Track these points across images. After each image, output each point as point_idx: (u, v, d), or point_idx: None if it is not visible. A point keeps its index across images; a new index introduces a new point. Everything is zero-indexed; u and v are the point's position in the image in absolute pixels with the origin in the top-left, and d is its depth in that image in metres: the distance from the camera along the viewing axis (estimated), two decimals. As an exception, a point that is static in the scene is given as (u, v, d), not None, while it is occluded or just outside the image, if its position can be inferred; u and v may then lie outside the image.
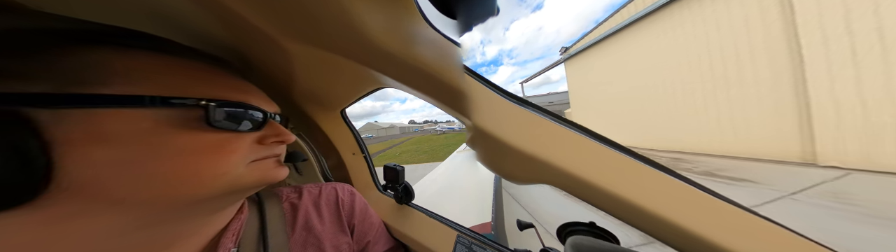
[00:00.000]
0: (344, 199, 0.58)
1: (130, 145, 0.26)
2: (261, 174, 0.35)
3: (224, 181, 0.31)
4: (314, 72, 0.53)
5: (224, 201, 0.37)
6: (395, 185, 0.81)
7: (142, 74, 0.28)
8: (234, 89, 0.36)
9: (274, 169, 0.37)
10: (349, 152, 0.89)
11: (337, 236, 0.52)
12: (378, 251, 0.62)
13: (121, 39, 0.29)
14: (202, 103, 0.29)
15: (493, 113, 0.39)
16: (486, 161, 0.44)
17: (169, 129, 0.28)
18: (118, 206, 0.27)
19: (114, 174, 0.25)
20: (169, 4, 0.36)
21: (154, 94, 0.27)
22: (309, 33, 0.37)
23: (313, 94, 0.70)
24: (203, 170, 0.29)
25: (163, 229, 0.32)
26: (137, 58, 0.29)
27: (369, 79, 0.55)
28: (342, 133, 0.88)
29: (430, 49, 0.36)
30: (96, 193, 0.25)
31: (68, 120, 0.24)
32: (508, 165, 0.41)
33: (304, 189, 0.57)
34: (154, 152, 0.27)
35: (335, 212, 0.56)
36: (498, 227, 1.95)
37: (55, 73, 0.24)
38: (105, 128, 0.25)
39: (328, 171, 0.96)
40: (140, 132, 0.26)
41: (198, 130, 0.29)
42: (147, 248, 0.32)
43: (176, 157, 0.28)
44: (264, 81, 0.52)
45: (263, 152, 0.37)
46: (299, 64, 0.48)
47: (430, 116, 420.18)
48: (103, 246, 0.28)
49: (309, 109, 0.77)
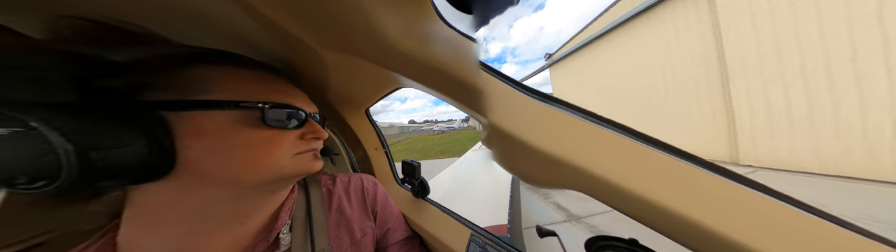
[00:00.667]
0: (368, 188, 0.66)
1: (216, 139, 0.34)
2: (300, 165, 0.42)
3: (274, 170, 0.39)
4: (344, 75, 0.60)
5: (276, 185, 0.45)
6: (412, 180, 0.86)
7: (224, 84, 0.37)
8: (283, 93, 0.43)
9: (311, 161, 0.44)
10: (372, 147, 0.99)
11: (363, 220, 0.60)
12: (397, 238, 0.66)
13: (211, 57, 0.38)
14: (259, 106, 0.37)
15: (510, 110, 0.37)
16: (502, 161, 0.42)
17: (238, 126, 0.35)
18: (214, 183, 0.36)
19: (207, 160, 0.34)
20: (241, 26, 0.45)
21: (230, 99, 0.35)
22: (339, 41, 0.42)
23: (343, 95, 0.79)
24: (259, 159, 0.37)
25: (243, 203, 0.42)
26: (221, 70, 0.38)
27: (389, 79, 0.58)
28: (366, 130, 0.97)
29: (445, 47, 0.36)
30: (201, 173, 0.34)
31: (183, 120, 0.33)
32: (527, 167, 0.38)
33: (337, 177, 0.65)
34: (229, 145, 0.35)
35: (361, 199, 0.63)
36: (514, 230, 1.87)
37: (176, 85, 0.34)
38: (202, 125, 0.33)
39: (356, 164, 1.05)
40: (221, 129, 0.35)
41: (256, 128, 0.37)
42: (236, 216, 0.42)
43: (243, 149, 0.36)
44: (306, 85, 0.61)
45: (303, 147, 0.43)
46: (332, 68, 0.55)
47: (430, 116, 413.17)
48: (210, 209, 0.38)
49: (340, 109, 0.87)
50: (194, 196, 0.36)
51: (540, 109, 0.36)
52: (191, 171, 0.33)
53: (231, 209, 0.41)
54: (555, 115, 0.35)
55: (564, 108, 0.36)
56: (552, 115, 0.35)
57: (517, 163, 0.39)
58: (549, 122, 0.35)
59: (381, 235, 0.64)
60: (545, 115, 0.36)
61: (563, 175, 0.32)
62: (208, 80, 0.35)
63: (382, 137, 1.02)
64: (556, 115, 0.35)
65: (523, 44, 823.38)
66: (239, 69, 0.40)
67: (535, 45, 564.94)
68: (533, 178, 0.38)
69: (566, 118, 0.34)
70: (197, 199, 0.36)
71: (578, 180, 0.31)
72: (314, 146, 0.46)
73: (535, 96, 0.38)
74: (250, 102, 0.36)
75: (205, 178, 0.35)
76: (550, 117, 0.35)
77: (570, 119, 0.34)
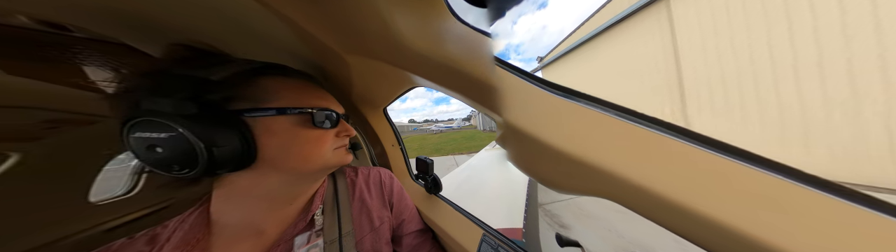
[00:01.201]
0: (385, 181, 0.71)
1: (282, 138, 0.43)
2: (339, 158, 0.51)
3: (321, 161, 0.48)
4: (365, 77, 0.67)
5: (320, 174, 0.55)
6: (425, 176, 0.89)
7: (280, 92, 0.45)
8: (321, 98, 0.51)
9: (345, 155, 0.53)
10: (389, 144, 1.07)
11: (381, 210, 0.65)
12: (411, 229, 0.70)
13: (269, 70, 0.46)
14: (309, 110, 0.45)
15: (527, 107, 0.34)
16: (518, 162, 0.38)
17: (295, 127, 0.44)
18: (280, 172, 0.46)
19: (277, 154, 0.43)
20: (285, 40, 0.54)
21: (288, 106, 0.44)
22: (360, 46, 0.47)
23: (364, 96, 0.87)
24: (311, 153, 0.46)
25: (295, 188, 0.52)
26: (275, 81, 0.46)
27: (405, 79, 0.61)
28: (384, 127, 1.05)
29: (458, 44, 0.36)
30: (272, 164, 0.43)
31: (258, 123, 0.41)
32: (546, 169, 0.34)
33: (358, 170, 0.72)
34: (291, 142, 0.44)
35: (379, 190, 0.69)
36: (529, 235, 1.79)
37: (250, 95, 0.42)
38: (272, 127, 0.42)
39: (375, 158, 1.14)
40: (285, 129, 0.43)
41: (308, 128, 0.45)
42: (288, 198, 0.53)
43: (301, 145, 0.45)
44: (334, 87, 0.70)
45: (338, 143, 0.51)
46: (355, 72, 0.63)
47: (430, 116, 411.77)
48: (273, 192, 0.49)
49: (361, 108, 0.96)
50: (265, 181, 0.46)
51: (562, 106, 0.32)
52: (266, 162, 0.43)
53: (286, 193, 0.51)
54: (579, 112, 0.31)
55: (592, 105, 0.31)
56: (576, 112, 0.31)
57: (535, 164, 0.36)
58: (573, 119, 0.31)
59: (396, 225, 0.69)
60: (568, 112, 0.32)
61: (588, 180, 0.28)
62: (269, 90, 0.44)
63: (398, 135, 1.10)
64: (580, 112, 0.31)
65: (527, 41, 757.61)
66: (287, 79, 0.48)
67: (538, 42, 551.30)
68: (553, 182, 0.34)
69: (594, 115, 0.30)
70: (267, 184, 0.46)
71: (608, 187, 0.27)
72: (346, 142, 0.54)
73: (557, 92, 0.34)
74: (303, 108, 0.45)
75: (274, 168, 0.44)
76: (574, 114, 0.31)
77: (598, 116, 0.30)
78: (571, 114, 0.32)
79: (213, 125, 0.38)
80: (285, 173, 0.46)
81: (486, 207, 2.18)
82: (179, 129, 0.35)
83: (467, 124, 58.95)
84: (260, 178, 0.45)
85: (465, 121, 74.72)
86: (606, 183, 0.27)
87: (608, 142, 0.28)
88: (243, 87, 0.42)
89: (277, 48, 0.60)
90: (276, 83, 0.45)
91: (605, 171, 0.26)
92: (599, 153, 0.27)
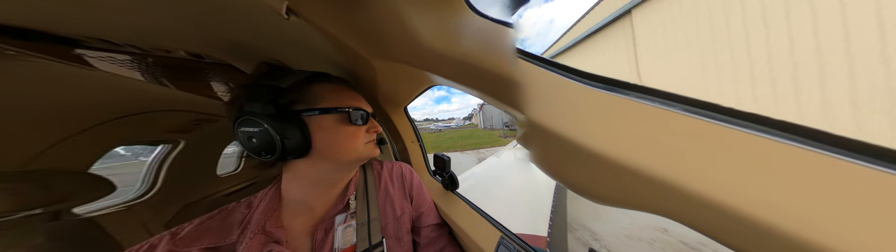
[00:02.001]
0: (406, 174, 0.78)
1: (328, 133, 0.53)
2: (369, 151, 0.59)
3: (356, 153, 0.57)
4: (389, 79, 0.73)
5: (355, 164, 0.64)
6: (442, 173, 0.92)
7: (326, 95, 0.55)
8: (355, 99, 0.60)
9: (374, 149, 0.61)
10: (410, 140, 1.15)
11: (402, 201, 0.71)
12: (429, 222, 0.74)
13: (317, 78, 0.57)
14: (345, 110, 0.54)
15: (556, 102, 0.30)
16: (545, 165, 0.34)
17: (337, 124, 0.54)
18: (326, 161, 0.55)
19: (324, 146, 0.52)
20: (326, 51, 0.64)
21: (331, 106, 0.54)
22: (384, 50, 0.52)
23: (388, 96, 0.95)
24: (349, 146, 0.55)
25: (337, 174, 0.62)
26: (322, 86, 0.56)
27: (424, 79, 0.63)
28: (405, 125, 1.13)
29: (476, 39, 0.35)
30: (321, 154, 0.53)
31: (312, 121, 0.52)
32: (580, 176, 0.29)
33: (383, 164, 0.80)
34: (335, 136, 0.53)
35: (401, 183, 0.75)
36: (555, 245, 1.64)
37: (306, 99, 0.53)
38: (321, 124, 0.52)
39: (397, 153, 1.22)
40: (330, 126, 0.53)
41: (346, 125, 0.55)
42: (331, 183, 0.62)
43: (342, 139, 0.54)
44: (363, 89, 0.79)
45: (368, 138, 0.59)
46: (380, 74, 0.69)
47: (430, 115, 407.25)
48: (322, 177, 0.59)
49: (385, 107, 1.04)
50: (317, 168, 0.57)
51: (603, 100, 0.27)
52: (317, 152, 0.53)
53: (330, 178, 0.61)
54: (628, 108, 0.25)
55: (647, 98, 0.24)
56: (623, 108, 0.25)
57: (565, 169, 0.31)
58: (620, 116, 0.25)
59: (416, 217, 0.74)
60: (612, 107, 0.26)
61: (634, 191, 0.23)
62: (318, 94, 0.54)
63: (418, 132, 1.18)
64: (630, 108, 0.25)
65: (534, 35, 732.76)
66: (329, 84, 0.58)
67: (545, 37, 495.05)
68: (589, 190, 0.28)
69: (649, 111, 0.24)
70: (318, 170, 0.57)
71: (670, 202, 0.20)
72: (374, 138, 0.62)
73: (596, 84, 0.28)
74: (343, 108, 0.55)
75: (323, 157, 0.54)
76: (621, 110, 0.25)
77: (657, 113, 0.23)
78: (619, 110, 0.25)
79: (284, 122, 0.48)
80: (330, 162, 0.56)
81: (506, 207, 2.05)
82: (265, 125, 0.47)
83: (467, 123, 59.23)
84: (313, 165, 0.55)
85: (466, 120, 75.00)
86: (667, 198, 0.20)
87: (672, 145, 0.21)
88: (301, 93, 0.53)
89: (320, 58, 0.72)
90: (323, 88, 0.56)
91: (665, 183, 0.20)
92: (659, 159, 0.21)
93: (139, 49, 0.60)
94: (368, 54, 0.57)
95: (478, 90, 0.42)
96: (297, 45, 0.64)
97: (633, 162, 0.22)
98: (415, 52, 0.43)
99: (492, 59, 0.34)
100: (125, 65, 0.67)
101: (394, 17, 0.37)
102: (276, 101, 0.49)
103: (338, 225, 0.57)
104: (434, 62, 0.43)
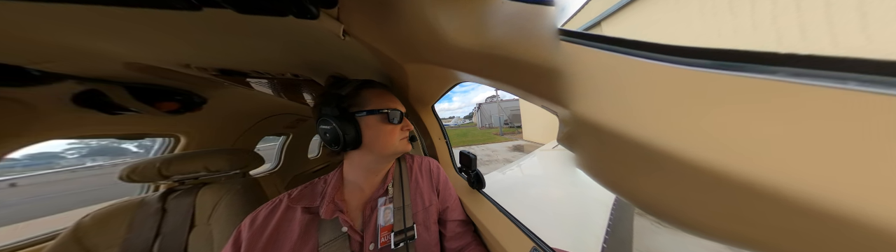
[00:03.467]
0: (434, 169, 0.84)
1: (373, 130, 0.62)
2: (403, 146, 0.68)
3: (393, 148, 0.66)
4: (419, 80, 0.78)
5: (391, 157, 0.71)
6: (468, 170, 0.92)
7: (371, 99, 0.64)
8: (392, 101, 0.68)
9: (407, 144, 0.69)
10: (436, 137, 1.19)
11: (430, 193, 0.77)
12: (454, 217, 0.77)
13: (365, 84, 0.67)
14: (385, 111, 0.63)
15: (618, 90, 0.22)
16: (601, 176, 0.26)
17: (379, 123, 0.63)
18: (372, 153, 0.65)
19: (370, 141, 0.62)
20: (367, 59, 0.73)
21: (375, 108, 0.63)
22: (413, 53, 0.54)
23: (417, 96, 0.99)
24: (388, 141, 0.64)
25: (379, 164, 0.71)
26: (369, 91, 0.66)
27: (450, 77, 0.65)
28: (432, 122, 1.17)
29: (507, 27, 0.31)
30: (368, 147, 0.64)
31: (362, 120, 0.61)
32: (657, 191, 0.20)
33: (414, 157, 0.87)
34: (378, 133, 0.63)
35: (429, 177, 0.81)
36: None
37: (357, 102, 0.63)
38: (368, 123, 0.62)
39: (425, 149, 1.27)
40: (375, 124, 0.62)
41: (386, 123, 0.64)
42: (376, 171, 0.72)
43: (383, 136, 0.63)
44: (397, 91, 0.88)
45: (402, 135, 0.68)
46: (411, 76, 0.74)
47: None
48: (370, 165, 0.69)
49: (415, 106, 1.08)
50: (366, 158, 0.68)
51: (704, 82, 0.17)
52: (366, 146, 0.64)
53: (375, 167, 0.71)
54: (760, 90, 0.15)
55: (797, 75, 0.14)
56: (746, 90, 0.16)
57: (634, 182, 0.22)
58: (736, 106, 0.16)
59: (442, 210, 0.78)
60: (720, 91, 0.17)
61: (770, 222, 0.15)
62: (365, 98, 0.64)
63: (444, 129, 1.22)
64: (764, 90, 0.15)
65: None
66: (373, 89, 0.67)
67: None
68: (674, 214, 0.20)
69: (800, 93, 0.14)
70: (366, 160, 0.68)
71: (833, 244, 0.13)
72: (407, 135, 0.71)
73: (687, 61, 0.18)
74: (383, 109, 0.64)
75: (369, 150, 0.65)
76: (742, 94, 0.16)
77: (815, 95, 0.14)
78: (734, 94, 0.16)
79: (345, 122, 0.60)
80: (375, 154, 0.66)
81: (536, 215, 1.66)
82: (333, 124, 0.59)
83: (468, 122, 60.45)
84: (362, 155, 0.67)
85: (466, 118, 76.39)
86: (830, 236, 0.13)
87: (838, 152, 0.13)
88: (355, 98, 0.64)
89: (367, 68, 0.85)
90: (370, 93, 0.66)
91: (823, 212, 0.12)
92: (811, 173, 0.13)
93: (269, 74, 0.86)
94: (401, 59, 0.61)
95: (509, 84, 0.39)
96: (351, 59, 0.76)
97: (760, 175, 0.14)
98: (440, 51, 0.44)
99: (526, 46, 0.30)
100: (264, 85, 0.98)
101: (422, 21, 0.38)
102: (339, 105, 0.61)
103: (380, 205, 0.67)
104: (460, 59, 0.43)
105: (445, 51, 0.42)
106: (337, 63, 0.80)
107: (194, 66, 0.73)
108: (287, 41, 0.61)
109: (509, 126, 22.37)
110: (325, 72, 0.86)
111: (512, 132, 19.65)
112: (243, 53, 0.67)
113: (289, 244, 0.55)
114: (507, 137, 16.24)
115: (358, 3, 0.43)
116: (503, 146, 11.70)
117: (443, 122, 1.23)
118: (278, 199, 0.64)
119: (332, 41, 0.60)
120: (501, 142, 13.89)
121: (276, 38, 0.60)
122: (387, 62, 0.68)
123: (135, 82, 0.79)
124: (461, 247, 0.73)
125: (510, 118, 23.88)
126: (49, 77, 0.65)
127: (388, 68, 0.76)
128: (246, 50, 0.65)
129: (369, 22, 0.47)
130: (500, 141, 14.44)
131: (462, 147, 12.62)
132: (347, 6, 0.43)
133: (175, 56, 0.66)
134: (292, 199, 0.64)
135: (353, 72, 0.88)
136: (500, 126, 21.36)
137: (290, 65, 0.78)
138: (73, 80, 0.70)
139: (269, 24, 0.50)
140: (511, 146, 11.48)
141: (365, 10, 0.44)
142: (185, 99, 0.92)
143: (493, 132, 21.52)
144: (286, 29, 0.53)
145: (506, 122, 22.47)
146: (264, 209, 0.61)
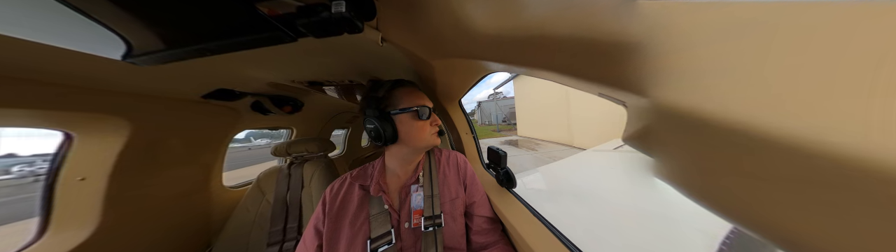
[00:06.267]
0: (461, 163, 0.84)
1: (407, 126, 0.69)
2: (433, 140, 0.73)
3: (423, 142, 0.72)
4: (446, 75, 0.78)
5: (423, 150, 0.78)
6: (497, 167, 0.88)
7: (403, 98, 0.70)
8: (421, 98, 0.72)
9: (436, 138, 0.75)
10: (464, 132, 1.20)
11: (457, 186, 0.78)
12: (481, 213, 0.75)
13: (397, 85, 0.73)
14: (414, 109, 0.68)
15: (761, 60, 0.13)
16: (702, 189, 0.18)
17: (411, 120, 0.69)
18: (407, 146, 0.72)
19: (404, 136, 0.70)
20: (400, 61, 0.77)
21: (407, 106, 0.69)
22: (440, 49, 0.55)
23: (444, 91, 1.00)
24: (420, 136, 0.70)
25: (413, 156, 0.77)
26: (401, 91, 0.71)
27: (478, 69, 0.63)
28: (459, 117, 1.18)
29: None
30: (404, 141, 0.71)
31: (397, 118, 0.69)
32: (802, 214, 0.13)
33: (442, 151, 0.88)
34: (411, 129, 0.69)
35: (456, 170, 0.82)
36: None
37: (392, 103, 0.70)
38: (402, 120, 0.69)
39: (452, 143, 1.28)
40: (408, 121, 0.69)
41: (417, 120, 0.69)
42: (410, 161, 0.78)
43: (414, 131, 0.70)
44: (425, 87, 0.96)
45: (432, 130, 0.73)
46: (438, 72, 0.76)
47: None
48: (405, 156, 0.76)
49: (443, 101, 1.08)
50: (401, 150, 0.75)
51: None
52: (401, 140, 0.70)
53: (409, 158, 0.78)
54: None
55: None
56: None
57: (773, 206, 0.14)
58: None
59: (469, 204, 0.77)
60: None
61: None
62: (398, 97, 0.70)
63: (471, 124, 1.22)
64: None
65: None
66: (404, 88, 0.73)
67: None
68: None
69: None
70: (402, 152, 0.76)
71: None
72: (436, 129, 0.75)
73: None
74: (413, 107, 0.69)
75: (404, 144, 0.72)
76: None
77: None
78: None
79: (383, 120, 0.67)
80: (409, 147, 0.73)
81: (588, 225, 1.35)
82: (376, 123, 0.67)
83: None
84: (399, 148, 0.75)
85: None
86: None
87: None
88: (389, 98, 0.70)
89: (399, 68, 0.94)
90: (401, 92, 0.71)
91: None
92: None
93: (334, 82, 1.10)
94: (428, 56, 0.63)
95: (550, 69, 0.31)
96: (387, 62, 0.87)
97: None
98: (468, 43, 0.42)
99: (578, 18, 0.23)
100: (332, 91, 1.24)
101: (450, 13, 0.37)
102: (378, 106, 0.69)
103: (413, 191, 0.74)
104: (489, 48, 0.39)
105: (474, 41, 0.42)
106: (376, 67, 0.94)
107: (296, 80, 1.02)
108: (343, 54, 0.77)
109: (507, 123, 22.46)
110: (367, 75, 1.04)
111: (508, 129, 19.81)
112: (320, 68, 0.89)
113: (351, 210, 0.70)
114: (503, 133, 17.15)
115: (393, 9, 0.47)
116: (497, 141, 13.27)
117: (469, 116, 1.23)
118: (345, 177, 0.79)
119: (372, 48, 0.72)
120: (497, 137, 14.57)
121: (338, 53, 0.75)
122: (417, 60, 0.73)
123: (272, 94, 1.21)
124: (488, 244, 0.72)
125: (508, 116, 23.98)
126: (241, 94, 1.07)
127: (418, 65, 0.81)
128: (321, 65, 0.86)
129: (402, 26, 0.52)
130: (495, 137, 15.28)
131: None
132: (384, 14, 0.48)
133: (288, 74, 0.95)
134: (353, 177, 0.78)
135: (387, 72, 1.01)
136: (497, 123, 21.38)
137: (347, 73, 0.98)
138: (249, 95, 1.11)
139: (333, 42, 0.65)
140: (504, 140, 13.07)
141: (398, 14, 0.48)
142: (295, 104, 1.35)
143: (490, 129, 21.66)
144: (343, 44, 0.68)
145: (504, 120, 22.52)
146: (337, 183, 0.77)
